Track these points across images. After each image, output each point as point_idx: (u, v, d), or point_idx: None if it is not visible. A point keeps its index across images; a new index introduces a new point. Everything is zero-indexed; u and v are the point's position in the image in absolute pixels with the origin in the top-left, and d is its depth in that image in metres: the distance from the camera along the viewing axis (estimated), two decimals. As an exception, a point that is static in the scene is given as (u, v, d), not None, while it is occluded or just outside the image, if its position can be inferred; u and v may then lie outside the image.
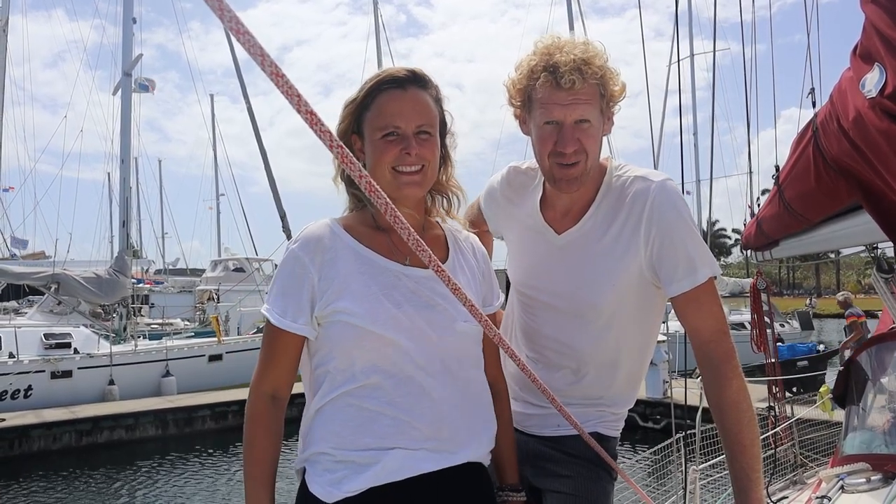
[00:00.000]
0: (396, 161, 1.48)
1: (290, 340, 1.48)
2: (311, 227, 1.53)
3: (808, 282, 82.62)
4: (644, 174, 1.73)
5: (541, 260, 1.83)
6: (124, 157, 17.76)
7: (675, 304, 1.66)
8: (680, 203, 1.67)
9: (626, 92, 1.70)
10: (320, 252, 1.48)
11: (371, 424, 1.44)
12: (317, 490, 1.44)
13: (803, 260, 8.27)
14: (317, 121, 0.93)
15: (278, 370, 1.49)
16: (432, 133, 1.52)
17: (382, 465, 1.42)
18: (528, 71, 1.66)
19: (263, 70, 0.85)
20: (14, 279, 15.91)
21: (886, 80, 1.55)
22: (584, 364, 1.79)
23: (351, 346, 1.44)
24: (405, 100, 1.50)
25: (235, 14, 0.80)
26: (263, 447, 1.46)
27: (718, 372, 1.59)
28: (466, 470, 1.51)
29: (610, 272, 1.71)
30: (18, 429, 11.61)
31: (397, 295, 1.48)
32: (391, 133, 1.48)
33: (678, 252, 1.62)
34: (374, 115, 1.51)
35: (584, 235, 1.75)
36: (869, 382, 3.36)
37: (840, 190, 2.28)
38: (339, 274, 1.46)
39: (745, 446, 1.55)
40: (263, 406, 1.48)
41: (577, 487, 1.75)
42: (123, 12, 18.23)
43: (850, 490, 2.83)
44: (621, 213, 1.70)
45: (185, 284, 33.47)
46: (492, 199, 1.98)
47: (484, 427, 1.58)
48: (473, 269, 1.66)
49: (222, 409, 13.45)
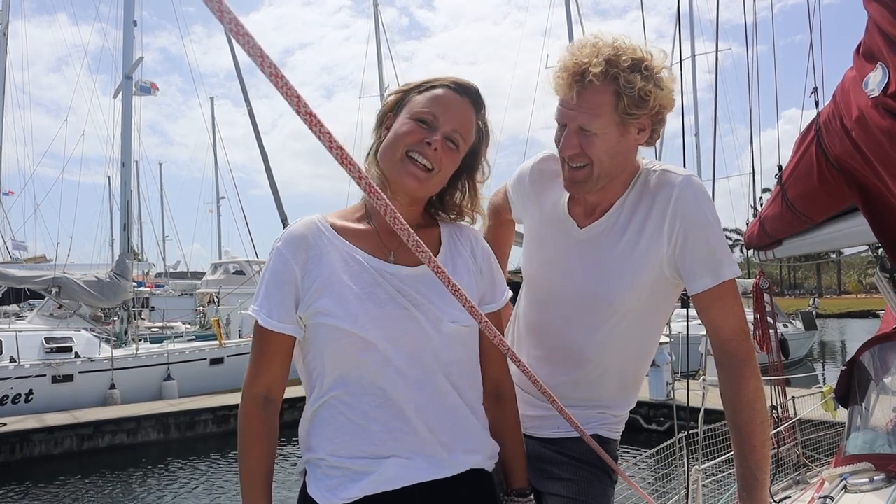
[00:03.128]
0: (415, 145, 1.45)
1: (280, 341, 1.45)
2: (296, 225, 1.50)
3: (809, 282, 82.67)
4: (669, 169, 1.69)
5: (558, 254, 1.80)
6: (125, 161, 17.79)
7: (697, 302, 1.63)
8: (705, 199, 1.64)
9: (666, 100, 1.60)
10: (304, 249, 1.45)
11: (363, 432, 1.41)
12: (315, 494, 1.43)
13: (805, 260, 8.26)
14: (316, 122, 0.92)
15: (269, 372, 1.46)
16: (459, 145, 1.50)
17: (378, 474, 1.40)
18: (559, 67, 1.63)
19: (263, 71, 0.85)
20: (15, 283, 15.91)
21: (889, 79, 1.56)
22: (588, 364, 1.77)
23: (334, 349, 1.41)
24: (455, 102, 1.49)
25: (235, 16, 0.80)
26: (258, 450, 1.44)
27: (736, 371, 1.58)
28: (466, 477, 1.48)
29: (630, 270, 1.68)
30: (20, 433, 11.58)
31: (381, 294, 1.44)
32: (425, 121, 1.47)
33: (702, 248, 1.60)
34: (422, 100, 1.49)
35: (607, 231, 1.72)
36: (872, 382, 3.36)
37: (843, 189, 2.28)
38: (323, 272, 1.43)
39: (755, 447, 1.55)
40: (256, 409, 1.45)
41: (577, 490, 1.73)
42: (124, 15, 18.29)
43: (853, 490, 2.83)
44: (645, 207, 1.67)
45: (186, 287, 33.52)
46: (520, 183, 1.93)
47: (478, 432, 1.54)
48: (469, 265, 1.59)
49: (224, 413, 13.45)
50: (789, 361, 21.83)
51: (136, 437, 12.61)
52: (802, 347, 24.72)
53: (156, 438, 12.80)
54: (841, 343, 33.86)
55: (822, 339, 33.49)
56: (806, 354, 25.38)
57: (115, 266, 16.99)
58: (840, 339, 36.06)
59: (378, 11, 27.27)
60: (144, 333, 19.10)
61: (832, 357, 28.43)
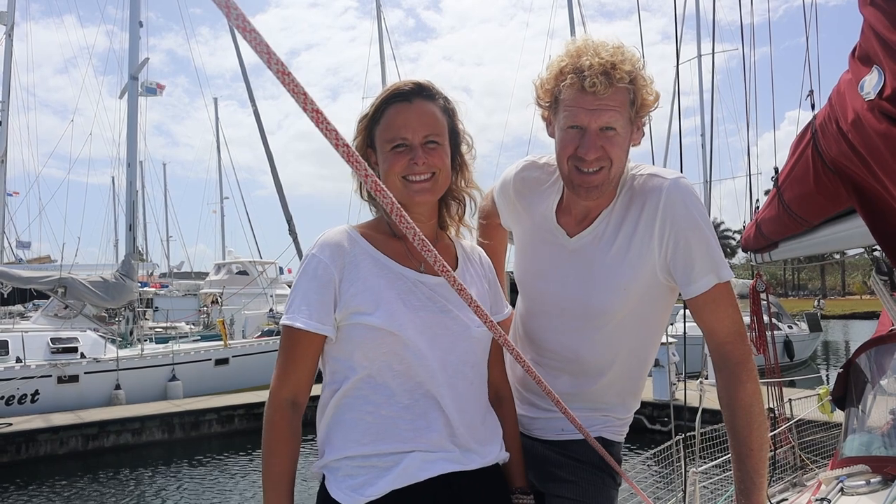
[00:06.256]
0: (406, 171, 1.51)
1: (314, 344, 1.49)
2: (330, 233, 1.55)
3: (813, 283, 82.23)
4: (656, 172, 1.68)
5: (550, 264, 1.79)
6: (131, 161, 17.80)
7: (691, 306, 1.63)
8: (694, 201, 1.62)
9: (659, 102, 1.65)
10: (340, 255, 1.50)
11: (390, 430, 1.46)
12: (339, 496, 1.45)
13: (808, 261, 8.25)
14: (322, 119, 0.92)
15: (298, 375, 1.49)
16: (440, 142, 1.54)
17: (403, 468, 1.44)
18: (557, 71, 1.61)
19: (270, 68, 0.85)
20: (21, 283, 15.94)
21: (885, 83, 1.55)
22: (588, 369, 1.78)
23: (369, 349, 1.46)
24: (411, 112, 1.53)
25: (242, 12, 0.80)
26: (283, 454, 1.46)
27: (733, 374, 1.57)
28: (486, 471, 1.55)
29: (622, 276, 1.67)
30: (25, 433, 11.62)
31: (414, 300, 1.51)
32: (400, 145, 1.52)
33: (693, 252, 1.59)
34: (384, 128, 1.54)
35: (597, 238, 1.71)
36: (868, 384, 3.35)
37: (839, 192, 2.28)
38: (360, 276, 1.49)
39: (753, 450, 1.54)
40: (283, 413, 1.47)
41: (580, 492, 1.74)
42: (130, 17, 18.30)
43: (850, 492, 2.82)
44: (634, 212, 1.66)
45: (190, 288, 33.57)
46: (504, 192, 1.92)
47: (496, 429, 1.63)
48: (482, 278, 1.69)
49: (228, 413, 13.44)
50: (794, 363, 21.74)
51: (141, 438, 12.63)
52: (807, 349, 24.61)
53: (160, 438, 12.80)
54: (845, 344, 33.71)
55: (827, 341, 33.35)
56: (810, 356, 25.27)
57: (121, 266, 17.01)
58: (844, 340, 35.91)
59: (381, 13, 27.26)
60: (149, 334, 19.13)
61: (837, 358, 28.29)
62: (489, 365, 1.65)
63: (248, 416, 13.22)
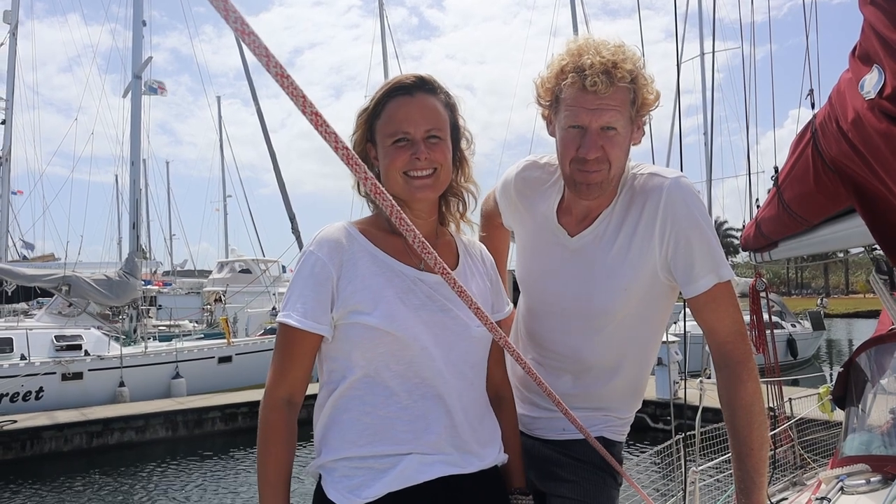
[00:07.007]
0: (407, 166, 1.48)
1: (310, 343, 1.46)
2: (328, 230, 1.52)
3: (816, 281, 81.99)
4: (657, 171, 1.68)
5: (552, 264, 1.78)
6: (134, 160, 17.83)
7: (692, 305, 1.62)
8: (695, 200, 1.62)
9: (659, 101, 1.64)
10: (338, 253, 1.47)
11: (388, 431, 1.44)
12: (335, 497, 1.44)
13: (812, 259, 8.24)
14: (322, 122, 0.91)
15: (295, 374, 1.46)
16: (442, 137, 1.52)
17: (400, 470, 1.42)
18: (558, 70, 1.60)
19: (268, 71, 0.84)
20: (25, 281, 15.99)
21: (885, 82, 1.56)
22: (590, 369, 1.78)
23: (367, 348, 1.44)
24: (413, 105, 1.50)
25: (241, 15, 0.79)
26: (278, 453, 1.44)
27: (734, 373, 1.57)
28: (484, 473, 1.53)
29: (623, 275, 1.67)
30: (30, 430, 11.67)
31: (413, 299, 1.48)
32: (401, 139, 1.49)
33: (694, 252, 1.58)
34: (384, 122, 1.51)
35: (598, 238, 1.71)
36: (868, 384, 3.34)
37: (839, 191, 2.27)
38: (358, 274, 1.46)
39: (753, 449, 1.54)
40: (279, 412, 1.45)
41: (581, 492, 1.74)
42: (133, 15, 18.31)
43: (850, 491, 2.82)
44: (635, 212, 1.66)
45: (193, 286, 33.60)
46: (506, 192, 1.91)
47: (494, 431, 1.60)
48: (483, 275, 1.67)
49: (232, 411, 13.47)
50: (797, 361, 21.69)
51: (145, 435, 12.66)
52: (810, 347, 24.55)
53: (164, 436, 12.84)
54: (848, 342, 33.60)
55: (830, 339, 33.28)
56: (814, 354, 25.22)
57: (125, 264, 17.05)
58: (848, 338, 35.82)
59: (383, 11, 27.24)
60: (153, 332, 19.16)
61: (840, 357, 28.23)
62: (490, 365, 1.63)
63: (251, 414, 13.20)
